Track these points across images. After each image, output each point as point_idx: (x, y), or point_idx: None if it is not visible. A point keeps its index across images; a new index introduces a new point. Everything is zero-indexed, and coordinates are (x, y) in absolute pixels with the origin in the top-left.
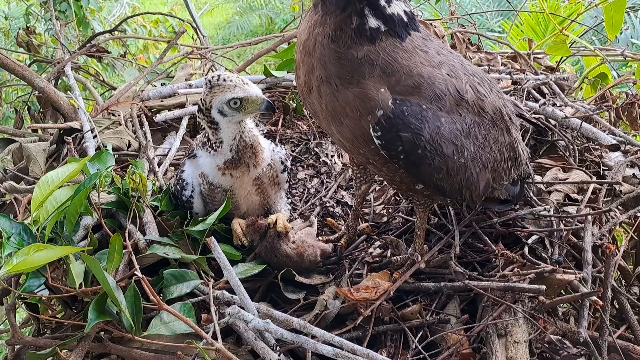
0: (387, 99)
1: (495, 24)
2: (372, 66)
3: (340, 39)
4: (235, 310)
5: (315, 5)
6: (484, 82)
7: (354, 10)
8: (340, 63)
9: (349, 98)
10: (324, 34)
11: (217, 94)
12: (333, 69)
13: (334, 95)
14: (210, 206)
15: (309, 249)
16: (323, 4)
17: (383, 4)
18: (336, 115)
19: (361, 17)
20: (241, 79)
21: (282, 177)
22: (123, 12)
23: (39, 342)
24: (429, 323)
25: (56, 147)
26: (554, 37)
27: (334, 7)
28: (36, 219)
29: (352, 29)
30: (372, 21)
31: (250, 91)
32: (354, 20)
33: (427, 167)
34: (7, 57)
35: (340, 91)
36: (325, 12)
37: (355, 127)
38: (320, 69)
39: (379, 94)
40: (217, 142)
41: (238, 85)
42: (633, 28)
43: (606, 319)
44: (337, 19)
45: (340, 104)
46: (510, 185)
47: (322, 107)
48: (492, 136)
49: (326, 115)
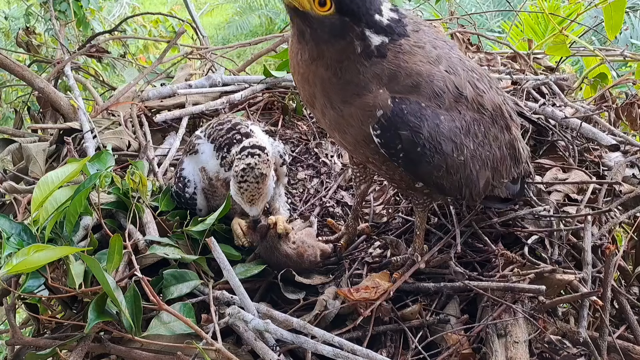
0: (385, 99)
1: (495, 24)
2: (380, 79)
3: (345, 69)
4: (235, 311)
5: (301, 35)
6: (483, 78)
7: (355, 36)
8: (345, 90)
9: (352, 111)
10: (324, 66)
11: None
12: (337, 97)
13: (338, 114)
14: (212, 201)
15: (309, 249)
16: (313, 33)
17: (378, 18)
18: (340, 127)
19: (364, 40)
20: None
21: (281, 171)
22: (123, 12)
23: (39, 342)
24: (429, 323)
25: (56, 147)
26: (553, 37)
27: (328, 36)
28: (36, 219)
29: (358, 55)
30: (376, 39)
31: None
32: (357, 46)
33: (426, 165)
34: (7, 57)
35: (344, 109)
36: (317, 42)
37: (357, 133)
38: (322, 98)
39: (378, 95)
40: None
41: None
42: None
43: (606, 319)
44: (336, 48)
45: (344, 119)
46: (511, 183)
47: (326, 121)
48: (492, 134)
49: (329, 126)
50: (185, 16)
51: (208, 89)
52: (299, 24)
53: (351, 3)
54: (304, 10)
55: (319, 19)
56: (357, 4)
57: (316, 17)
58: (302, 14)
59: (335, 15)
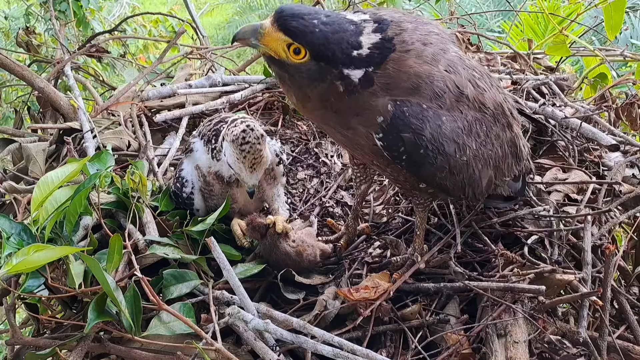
0: (386, 104)
1: (494, 24)
2: (375, 95)
3: (335, 104)
4: (234, 311)
5: (281, 80)
6: (484, 76)
7: (334, 77)
8: (344, 117)
9: (355, 128)
10: (314, 105)
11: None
12: (338, 125)
13: (345, 137)
14: (209, 201)
15: (309, 249)
16: (291, 78)
17: (357, 53)
18: (350, 144)
19: (344, 79)
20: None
21: (278, 171)
22: (123, 12)
23: (39, 342)
24: (429, 323)
25: (56, 147)
26: (553, 37)
27: (308, 81)
28: (36, 219)
29: (341, 93)
30: (357, 73)
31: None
32: (339, 86)
33: (429, 167)
34: (7, 57)
35: (349, 133)
36: (298, 87)
37: (365, 146)
38: (326, 127)
39: (378, 101)
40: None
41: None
42: (633, 28)
43: (606, 319)
44: (318, 90)
45: (351, 137)
46: (512, 181)
47: (336, 139)
48: (494, 132)
49: (340, 143)
50: (185, 16)
51: (208, 89)
52: (277, 71)
53: (326, 49)
54: (280, 59)
55: (295, 66)
56: (332, 49)
57: (292, 64)
58: (278, 62)
59: (311, 62)
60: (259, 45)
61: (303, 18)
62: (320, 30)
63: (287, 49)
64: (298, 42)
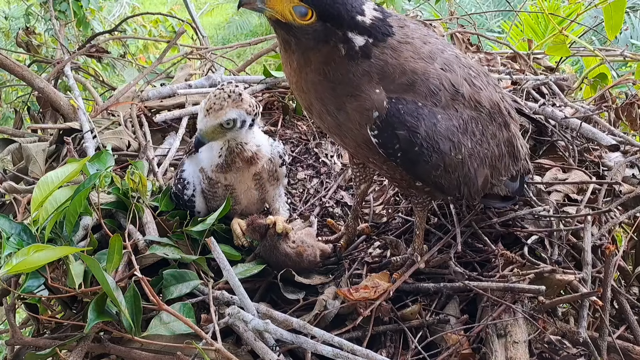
0: (382, 100)
1: (494, 24)
2: (370, 77)
3: (333, 71)
4: (234, 311)
5: (287, 44)
6: (480, 74)
7: (338, 39)
8: (337, 93)
9: (349, 116)
10: (313, 72)
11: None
12: (331, 102)
13: (335, 121)
14: (212, 203)
15: (309, 249)
16: (297, 42)
17: (361, 19)
18: (339, 131)
19: (347, 42)
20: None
21: (281, 172)
22: (123, 12)
23: (39, 342)
24: (429, 323)
25: (56, 147)
26: (553, 37)
27: (313, 43)
28: (36, 219)
29: (342, 57)
30: (359, 40)
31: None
32: (341, 49)
33: (424, 165)
34: (7, 57)
35: (341, 116)
36: (303, 50)
37: (356, 136)
38: (318, 104)
39: (374, 95)
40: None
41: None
42: (633, 28)
43: (606, 319)
44: (322, 53)
45: (343, 124)
46: (510, 181)
47: (325, 126)
48: (490, 131)
49: (329, 130)
50: (185, 16)
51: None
52: (283, 35)
53: (332, 9)
54: (287, 22)
55: (301, 28)
56: (338, 8)
57: (299, 26)
58: (285, 26)
59: (318, 23)
60: (265, 9)
61: None
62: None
63: (294, 11)
64: (304, 2)
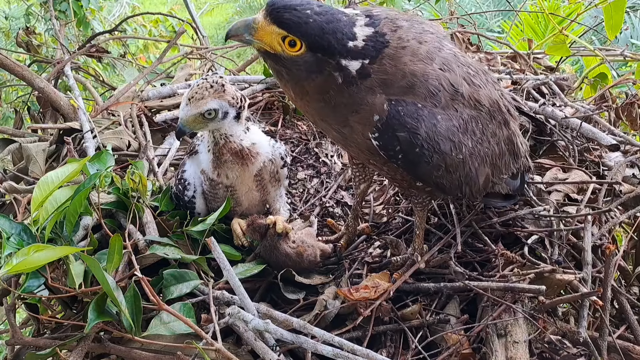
0: (382, 103)
1: (494, 24)
2: (373, 90)
3: (334, 98)
4: (235, 311)
5: (279, 75)
6: (479, 73)
7: (332, 68)
8: (341, 113)
9: (353, 127)
10: (313, 100)
11: None
12: (335, 122)
13: (340, 134)
14: (212, 204)
15: (309, 249)
16: (289, 72)
17: (353, 45)
18: (345, 142)
19: (342, 70)
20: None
21: (282, 173)
22: (123, 12)
23: (39, 342)
24: (429, 323)
25: (56, 147)
26: (553, 37)
27: (305, 74)
28: (36, 219)
29: (340, 85)
30: (354, 64)
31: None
32: (337, 77)
33: (425, 166)
34: (7, 57)
35: (345, 130)
36: (296, 81)
37: (360, 144)
38: (322, 123)
39: (375, 101)
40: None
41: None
42: (633, 28)
43: (606, 319)
44: (316, 83)
45: (347, 135)
46: (510, 179)
47: (329, 136)
48: (490, 130)
49: (333, 139)
50: (185, 16)
51: None
52: (273, 65)
53: (322, 40)
54: (276, 53)
55: (291, 59)
56: (328, 39)
57: (289, 58)
58: (274, 57)
59: (308, 54)
60: (253, 41)
61: (296, 9)
62: (315, 21)
63: (282, 42)
64: (293, 34)
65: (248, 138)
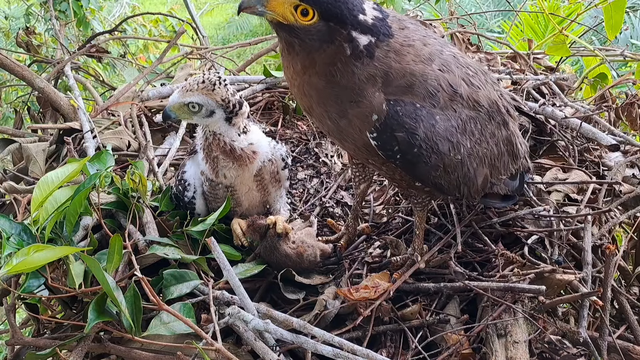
0: (380, 102)
1: (494, 24)
2: (375, 81)
3: (339, 72)
4: (235, 311)
5: (290, 47)
6: (478, 73)
7: (342, 38)
8: (340, 100)
9: (350, 122)
10: (317, 75)
11: None
12: (333, 109)
13: (336, 126)
14: (212, 204)
15: (309, 249)
16: (301, 43)
17: (363, 18)
18: (340, 135)
19: (352, 41)
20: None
21: (283, 174)
22: (123, 12)
23: (39, 342)
24: (429, 323)
25: (56, 147)
26: (553, 37)
27: (318, 43)
28: (36, 219)
29: (347, 57)
30: (363, 38)
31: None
32: (346, 49)
33: (423, 166)
34: (7, 57)
35: (342, 122)
36: (308, 52)
37: (357, 140)
38: (319, 109)
39: (374, 98)
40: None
41: None
42: (633, 28)
43: (606, 319)
44: (327, 53)
45: (343, 129)
46: (509, 179)
47: (325, 129)
48: (489, 131)
49: (329, 133)
50: (185, 16)
51: None
52: (286, 37)
53: (334, 7)
54: (289, 23)
55: (304, 28)
56: (340, 7)
57: (302, 27)
58: (287, 27)
59: (320, 22)
60: (265, 12)
61: None
62: None
63: (295, 12)
64: (305, 2)
65: (244, 139)
